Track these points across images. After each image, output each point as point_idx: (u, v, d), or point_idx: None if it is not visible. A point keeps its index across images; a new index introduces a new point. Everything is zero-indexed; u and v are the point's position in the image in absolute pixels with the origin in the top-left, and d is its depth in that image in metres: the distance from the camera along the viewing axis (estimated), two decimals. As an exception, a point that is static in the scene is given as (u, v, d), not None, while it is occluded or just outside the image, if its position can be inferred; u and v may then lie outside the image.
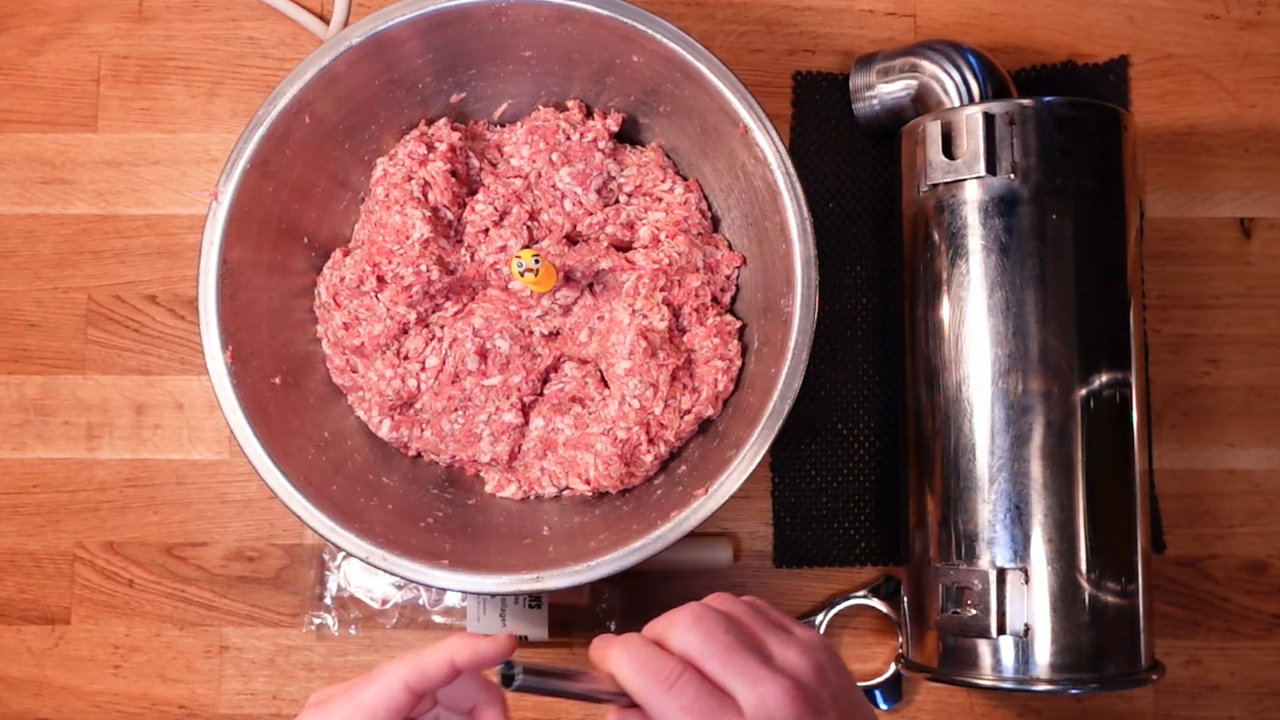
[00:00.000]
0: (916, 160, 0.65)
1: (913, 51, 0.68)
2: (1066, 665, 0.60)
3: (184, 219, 0.74)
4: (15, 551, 0.72)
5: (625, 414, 0.64)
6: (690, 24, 0.74)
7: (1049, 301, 0.61)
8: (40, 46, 0.75)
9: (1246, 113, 0.74)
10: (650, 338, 0.64)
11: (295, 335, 0.67)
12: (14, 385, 0.73)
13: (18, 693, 0.71)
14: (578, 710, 0.71)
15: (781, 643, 0.46)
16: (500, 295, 0.67)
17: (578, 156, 0.67)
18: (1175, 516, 0.71)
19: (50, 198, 0.74)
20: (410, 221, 0.65)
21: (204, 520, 0.72)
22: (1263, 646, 0.71)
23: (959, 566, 0.61)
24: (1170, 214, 0.73)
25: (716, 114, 0.63)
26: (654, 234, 0.67)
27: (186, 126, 0.74)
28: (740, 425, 0.62)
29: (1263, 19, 0.74)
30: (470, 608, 0.69)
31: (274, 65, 0.75)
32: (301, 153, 0.64)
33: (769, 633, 0.47)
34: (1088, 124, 0.62)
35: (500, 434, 0.66)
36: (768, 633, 0.47)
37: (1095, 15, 0.74)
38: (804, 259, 0.60)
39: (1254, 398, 0.72)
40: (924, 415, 0.64)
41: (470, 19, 0.63)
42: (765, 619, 0.48)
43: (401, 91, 0.67)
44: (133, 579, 0.72)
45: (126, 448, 0.73)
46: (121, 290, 0.74)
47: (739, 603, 0.49)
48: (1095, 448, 0.61)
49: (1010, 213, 0.61)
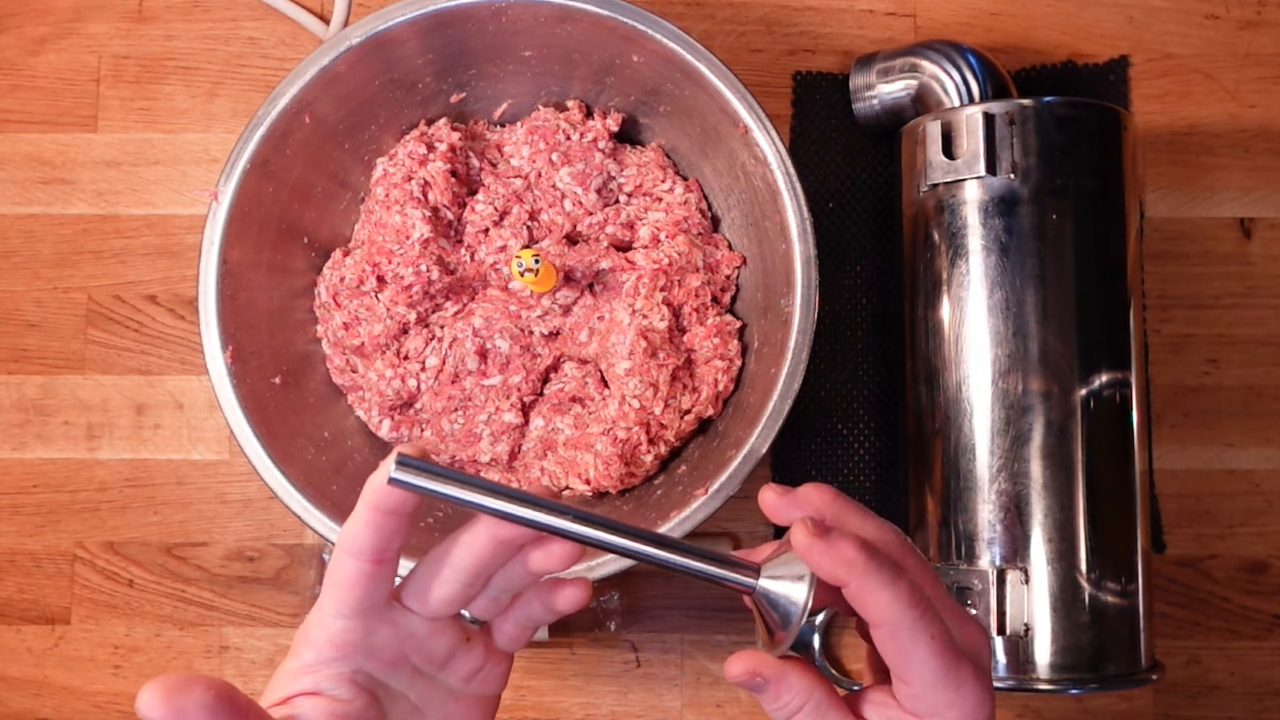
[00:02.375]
0: (916, 160, 0.65)
1: (913, 51, 0.68)
2: (1066, 665, 0.60)
3: (184, 219, 0.74)
4: (15, 551, 0.72)
5: (625, 414, 0.64)
6: (690, 24, 0.74)
7: (1049, 301, 0.61)
8: (40, 46, 0.75)
9: (1246, 113, 0.74)
10: (650, 338, 0.64)
11: (295, 335, 0.67)
12: (14, 385, 0.73)
13: (18, 693, 0.71)
14: (578, 711, 0.71)
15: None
16: (500, 295, 0.67)
17: (578, 156, 0.67)
18: (1175, 516, 0.71)
19: (50, 198, 0.74)
20: (410, 221, 0.65)
21: (204, 520, 0.72)
22: (1263, 646, 0.71)
23: (959, 566, 0.61)
24: (1170, 214, 0.73)
25: (716, 114, 0.63)
26: (654, 234, 0.67)
27: (186, 126, 0.74)
28: (740, 425, 0.62)
29: (1263, 19, 0.74)
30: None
31: (274, 65, 0.75)
32: (301, 153, 0.64)
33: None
34: (1088, 124, 0.62)
35: (500, 434, 0.66)
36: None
37: (1095, 15, 0.74)
38: (804, 259, 0.60)
39: (1254, 398, 0.72)
40: (924, 415, 0.64)
41: (470, 19, 0.63)
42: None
43: (401, 91, 0.67)
44: (133, 579, 0.72)
45: (126, 448, 0.73)
46: (121, 290, 0.74)
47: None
48: (1095, 448, 0.61)
49: (1010, 213, 0.61)
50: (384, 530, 0.40)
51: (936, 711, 0.40)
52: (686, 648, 0.71)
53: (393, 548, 0.41)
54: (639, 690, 0.71)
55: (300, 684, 0.42)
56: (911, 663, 0.40)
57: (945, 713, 0.40)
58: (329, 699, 0.41)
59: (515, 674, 0.71)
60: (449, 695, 0.44)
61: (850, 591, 0.39)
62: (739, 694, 0.71)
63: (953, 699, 0.40)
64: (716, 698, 0.71)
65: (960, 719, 0.40)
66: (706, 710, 0.71)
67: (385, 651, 0.42)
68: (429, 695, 0.44)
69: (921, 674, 0.40)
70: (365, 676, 0.42)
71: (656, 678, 0.71)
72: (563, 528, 0.40)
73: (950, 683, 0.40)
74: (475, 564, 0.42)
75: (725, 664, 0.42)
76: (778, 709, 0.41)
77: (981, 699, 0.41)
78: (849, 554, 0.39)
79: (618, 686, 0.71)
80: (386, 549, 0.41)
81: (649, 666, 0.71)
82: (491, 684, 0.45)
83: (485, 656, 0.45)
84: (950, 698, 0.40)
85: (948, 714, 0.40)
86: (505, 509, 0.39)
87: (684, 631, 0.71)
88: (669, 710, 0.71)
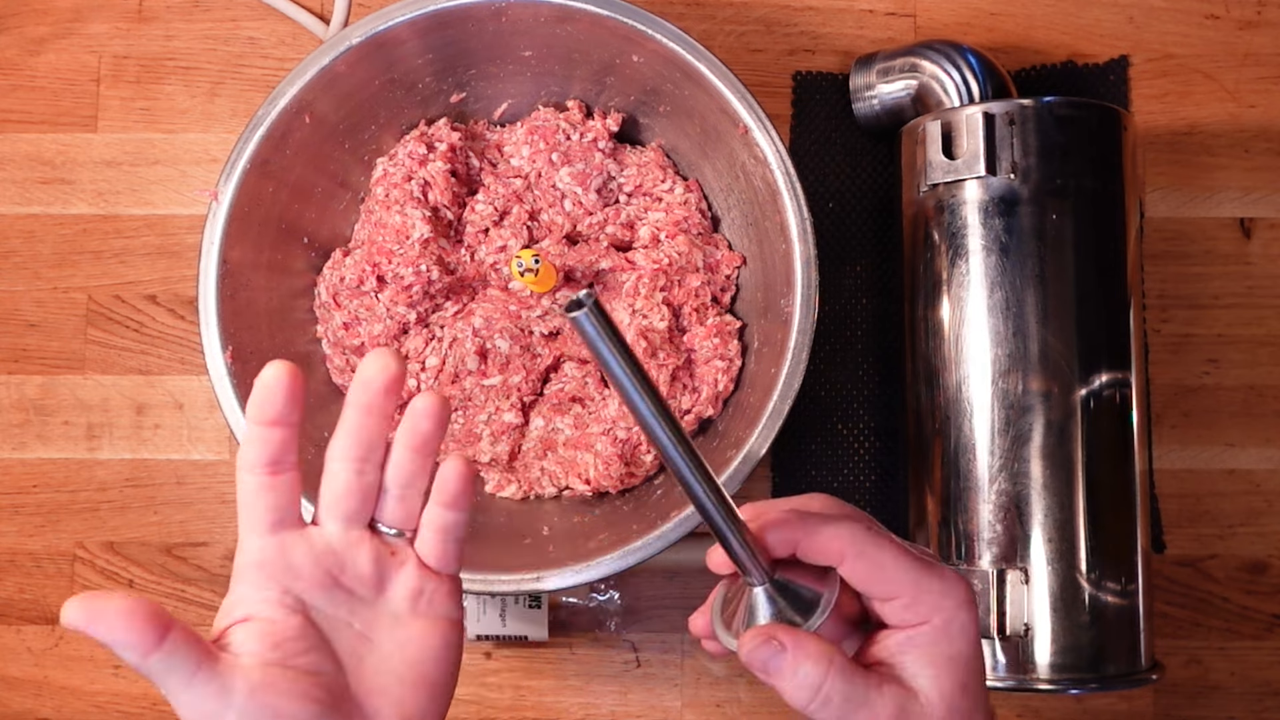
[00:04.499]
0: (916, 160, 0.65)
1: (913, 51, 0.68)
2: (1066, 665, 0.60)
3: (184, 219, 0.74)
4: (15, 551, 0.72)
5: (625, 414, 0.64)
6: (690, 24, 0.74)
7: (1049, 301, 0.61)
8: (40, 46, 0.75)
9: (1246, 113, 0.74)
10: (650, 338, 0.64)
11: (295, 335, 0.67)
12: (14, 385, 0.73)
13: (18, 693, 0.71)
14: (578, 711, 0.71)
15: None
16: (500, 295, 0.67)
17: (578, 156, 0.67)
18: (1175, 516, 0.71)
19: (50, 198, 0.74)
20: (410, 221, 0.65)
21: (204, 520, 0.72)
22: (1263, 646, 0.71)
23: (959, 566, 0.61)
24: (1170, 214, 0.73)
25: (716, 114, 0.63)
26: (654, 234, 0.67)
27: (186, 126, 0.74)
28: (740, 425, 0.62)
29: (1263, 19, 0.74)
30: (470, 607, 0.69)
31: (274, 65, 0.75)
32: (301, 153, 0.64)
33: None
34: (1088, 124, 0.62)
35: (500, 434, 0.66)
36: None
37: (1095, 15, 0.74)
38: (804, 259, 0.60)
39: (1254, 398, 0.72)
40: (924, 415, 0.64)
41: (470, 19, 0.63)
42: None
43: (401, 91, 0.67)
44: (133, 579, 0.72)
45: (126, 448, 0.73)
46: (121, 290, 0.74)
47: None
48: (1095, 448, 0.61)
49: (1010, 213, 0.61)
50: (271, 441, 0.41)
51: (935, 605, 0.41)
52: (686, 648, 0.71)
53: (287, 459, 0.42)
54: (639, 690, 0.71)
55: (233, 616, 0.42)
56: (888, 568, 0.41)
57: (942, 603, 0.41)
58: (261, 621, 0.41)
59: (515, 674, 0.71)
60: (396, 621, 0.43)
61: (805, 544, 0.41)
62: (739, 694, 0.71)
63: (942, 588, 0.41)
64: (716, 698, 0.71)
65: (960, 605, 0.41)
66: (706, 710, 0.71)
67: (306, 569, 0.42)
68: (374, 622, 0.43)
69: (902, 575, 0.40)
70: (294, 599, 0.42)
71: (656, 678, 0.71)
72: (660, 436, 0.38)
73: (933, 573, 0.41)
74: (352, 442, 0.42)
75: (740, 641, 0.41)
76: (797, 684, 0.40)
77: (967, 586, 0.41)
78: (786, 522, 0.41)
79: (618, 686, 0.71)
80: (280, 460, 0.42)
81: (649, 666, 0.71)
82: (439, 605, 0.44)
83: (421, 575, 0.44)
84: (938, 588, 0.41)
85: (945, 604, 0.41)
86: (633, 393, 0.37)
87: (684, 631, 0.71)
88: (669, 710, 0.71)
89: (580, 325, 0.36)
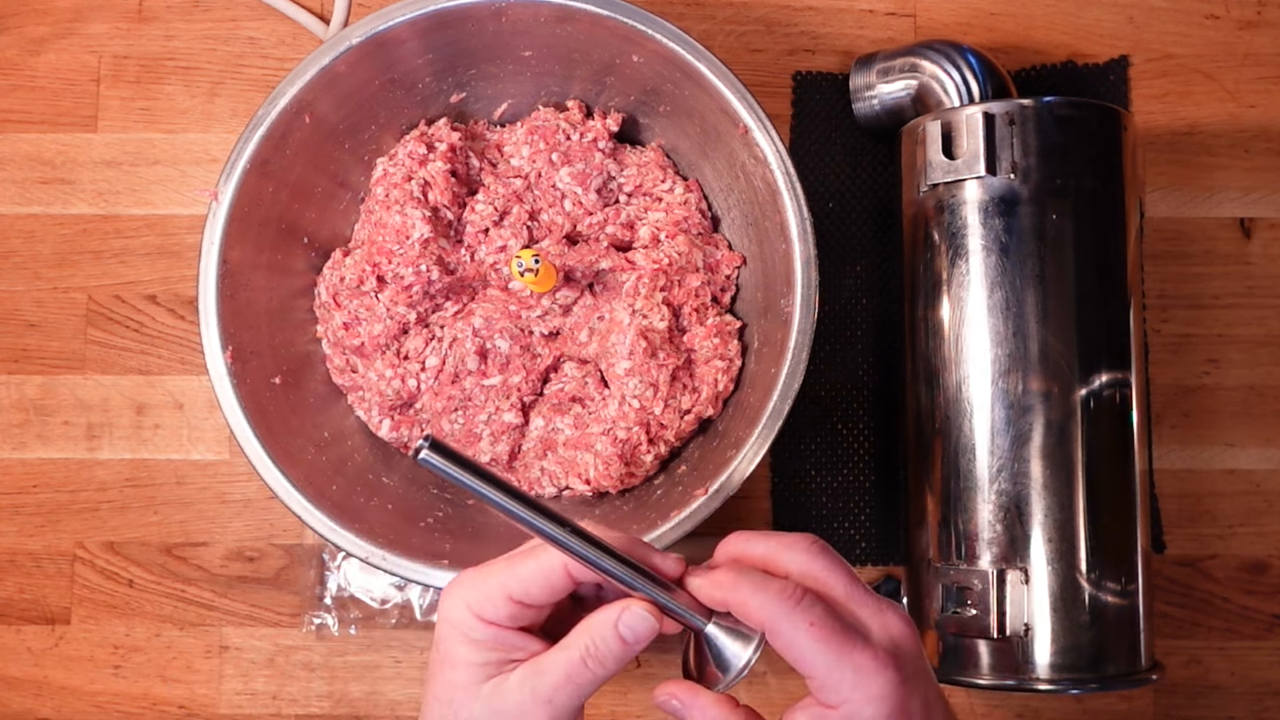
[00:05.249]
0: (916, 160, 0.65)
1: (913, 51, 0.68)
2: (1066, 665, 0.60)
3: (184, 219, 0.74)
4: (15, 551, 0.72)
5: (625, 414, 0.64)
6: (690, 24, 0.74)
7: (1049, 301, 0.61)
8: (40, 46, 0.75)
9: (1246, 113, 0.74)
10: (650, 338, 0.64)
11: (295, 335, 0.67)
12: (14, 385, 0.73)
13: (18, 693, 0.71)
14: (578, 710, 0.71)
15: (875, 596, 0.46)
16: (500, 295, 0.67)
17: (578, 156, 0.67)
18: (1175, 516, 0.71)
19: (50, 198, 0.74)
20: (410, 221, 0.65)
21: (204, 520, 0.72)
22: (1263, 646, 0.71)
23: (959, 566, 0.61)
24: (1170, 214, 0.73)
25: (716, 114, 0.63)
26: (654, 234, 0.67)
27: (186, 126, 0.74)
28: (740, 425, 0.62)
29: (1263, 19, 0.74)
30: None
31: (274, 65, 0.75)
32: (301, 153, 0.64)
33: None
34: (1088, 124, 0.62)
35: (500, 434, 0.66)
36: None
37: (1095, 15, 0.74)
38: (804, 259, 0.60)
39: (1254, 398, 0.72)
40: (924, 415, 0.64)
41: (470, 19, 0.63)
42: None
43: (401, 91, 0.67)
44: (133, 579, 0.72)
45: (126, 448, 0.73)
46: (121, 290, 0.74)
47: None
48: (1095, 448, 0.61)
49: (1010, 213, 0.61)
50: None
51: (843, 695, 0.42)
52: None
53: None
54: (639, 690, 0.71)
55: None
56: (801, 652, 0.42)
57: (851, 695, 0.42)
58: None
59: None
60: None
61: (731, 608, 0.43)
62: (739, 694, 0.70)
63: (853, 680, 0.42)
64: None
65: (868, 700, 0.42)
66: (706, 710, 0.71)
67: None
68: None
69: (813, 661, 0.42)
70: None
71: (656, 678, 0.71)
72: (540, 526, 0.42)
73: (845, 664, 0.42)
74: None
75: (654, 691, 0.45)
76: None
77: (888, 679, 0.42)
78: (720, 578, 0.44)
79: (618, 686, 0.71)
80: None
81: (649, 666, 0.71)
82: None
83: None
84: (849, 678, 0.42)
85: (854, 696, 0.42)
86: (506, 505, 0.41)
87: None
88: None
89: (431, 465, 0.39)
